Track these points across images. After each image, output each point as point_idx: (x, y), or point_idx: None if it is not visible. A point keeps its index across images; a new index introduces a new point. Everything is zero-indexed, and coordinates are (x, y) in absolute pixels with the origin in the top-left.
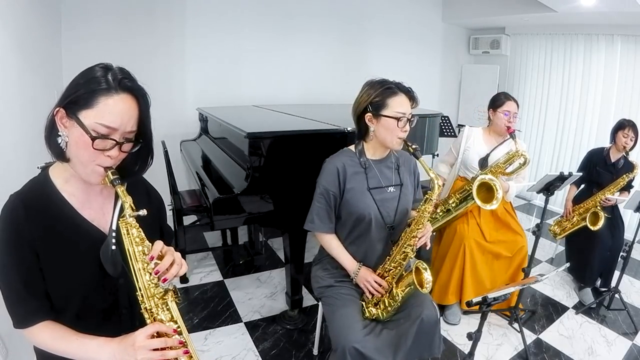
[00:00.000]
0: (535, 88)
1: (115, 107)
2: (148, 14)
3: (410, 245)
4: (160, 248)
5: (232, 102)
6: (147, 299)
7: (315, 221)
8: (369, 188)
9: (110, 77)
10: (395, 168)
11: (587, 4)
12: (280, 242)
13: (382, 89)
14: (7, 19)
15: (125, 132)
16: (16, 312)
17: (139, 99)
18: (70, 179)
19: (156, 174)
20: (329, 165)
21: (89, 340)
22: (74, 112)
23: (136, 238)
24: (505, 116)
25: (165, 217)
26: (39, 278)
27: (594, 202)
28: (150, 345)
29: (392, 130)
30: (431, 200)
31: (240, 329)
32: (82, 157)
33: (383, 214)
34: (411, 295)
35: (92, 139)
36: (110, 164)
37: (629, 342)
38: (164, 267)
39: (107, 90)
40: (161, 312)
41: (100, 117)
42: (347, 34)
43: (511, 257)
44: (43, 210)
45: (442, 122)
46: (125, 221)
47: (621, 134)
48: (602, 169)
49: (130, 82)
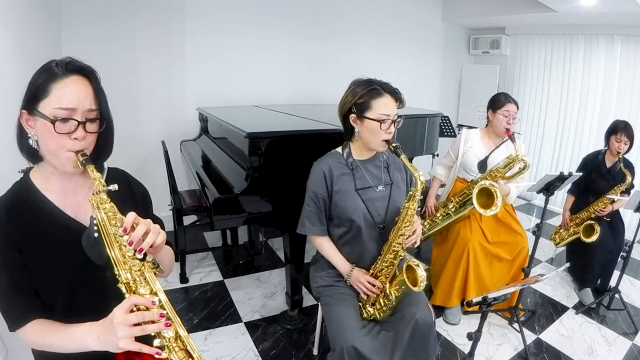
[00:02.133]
0: (535, 88)
1: (68, 89)
2: (148, 14)
3: (399, 244)
4: (132, 219)
5: (232, 102)
6: (124, 272)
7: (306, 224)
8: (357, 189)
9: (58, 65)
10: (384, 167)
11: (587, 4)
12: (280, 242)
13: (367, 90)
14: (7, 19)
15: (84, 110)
16: (8, 313)
17: (89, 77)
18: (49, 177)
19: (156, 174)
20: (316, 169)
21: (75, 329)
22: (34, 108)
23: (108, 212)
24: (504, 118)
25: (151, 207)
26: (26, 277)
27: (589, 212)
28: (128, 320)
29: (375, 133)
30: (415, 197)
31: (240, 329)
32: (51, 147)
33: (373, 213)
34: (406, 297)
35: (52, 123)
36: (80, 146)
37: (629, 342)
38: (137, 236)
39: (57, 76)
40: (140, 286)
41: (57, 102)
42: (346, 34)
43: (512, 260)
44: (25, 210)
45: (442, 122)
46: (97, 197)
47: (614, 139)
48: (597, 176)
49: (75, 64)
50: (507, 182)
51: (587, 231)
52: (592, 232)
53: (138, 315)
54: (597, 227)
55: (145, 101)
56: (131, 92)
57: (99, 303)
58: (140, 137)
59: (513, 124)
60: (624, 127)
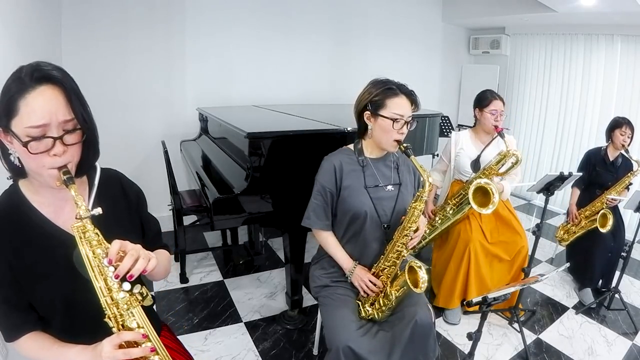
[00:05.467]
0: (535, 88)
1: (36, 103)
2: (148, 14)
3: (404, 244)
4: (117, 248)
5: (232, 102)
6: (109, 307)
7: (312, 217)
8: (366, 186)
9: (23, 76)
10: (394, 167)
11: (587, 4)
12: (280, 242)
13: (383, 89)
14: (7, 19)
15: (59, 123)
16: (3, 326)
17: (58, 84)
18: (39, 189)
19: (156, 174)
20: (326, 163)
21: (67, 349)
22: (7, 126)
23: (93, 240)
24: (492, 116)
25: (146, 206)
26: (19, 292)
27: (601, 203)
28: (116, 357)
29: (387, 132)
30: (422, 198)
31: (240, 329)
32: (31, 166)
33: (379, 212)
34: (406, 297)
35: (24, 145)
36: (62, 162)
37: (629, 342)
38: (123, 270)
39: (24, 89)
40: (127, 319)
41: (27, 120)
42: (347, 34)
43: (511, 260)
44: (15, 223)
45: (442, 122)
46: (79, 224)
47: (618, 132)
48: (602, 168)
49: (42, 72)
50: (503, 179)
51: (601, 220)
52: (606, 221)
53: (125, 353)
54: (610, 215)
55: (145, 101)
56: (131, 92)
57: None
58: (140, 137)
59: (500, 120)
60: (627, 121)
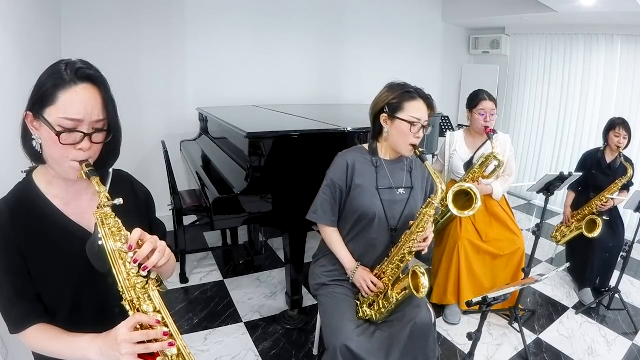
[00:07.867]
0: (535, 88)
1: (76, 98)
2: (148, 14)
3: (409, 248)
4: (138, 236)
5: (232, 102)
6: (127, 290)
7: (319, 212)
8: (378, 187)
9: (68, 70)
10: (407, 171)
11: (587, 4)
12: (280, 242)
13: (401, 92)
14: (7, 19)
15: (92, 121)
16: (9, 316)
17: (99, 86)
18: (53, 180)
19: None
20: (340, 159)
21: (78, 338)
22: (39, 113)
23: (113, 228)
24: (481, 116)
25: (154, 210)
26: (28, 282)
27: (591, 208)
28: (132, 338)
29: (404, 135)
30: (433, 204)
31: (240, 329)
32: (55, 155)
33: (388, 215)
34: (407, 298)
35: (57, 135)
36: (84, 157)
37: (629, 342)
38: (142, 255)
39: (66, 83)
40: (143, 303)
41: (64, 112)
42: (347, 34)
43: (507, 256)
44: (28, 214)
45: (442, 122)
46: (101, 211)
47: (613, 134)
48: (598, 171)
49: (88, 71)
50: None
51: (589, 226)
52: (595, 227)
53: (142, 334)
54: (599, 221)
55: (145, 101)
56: (131, 92)
57: (102, 309)
58: (141, 137)
59: (491, 120)
60: (621, 122)
